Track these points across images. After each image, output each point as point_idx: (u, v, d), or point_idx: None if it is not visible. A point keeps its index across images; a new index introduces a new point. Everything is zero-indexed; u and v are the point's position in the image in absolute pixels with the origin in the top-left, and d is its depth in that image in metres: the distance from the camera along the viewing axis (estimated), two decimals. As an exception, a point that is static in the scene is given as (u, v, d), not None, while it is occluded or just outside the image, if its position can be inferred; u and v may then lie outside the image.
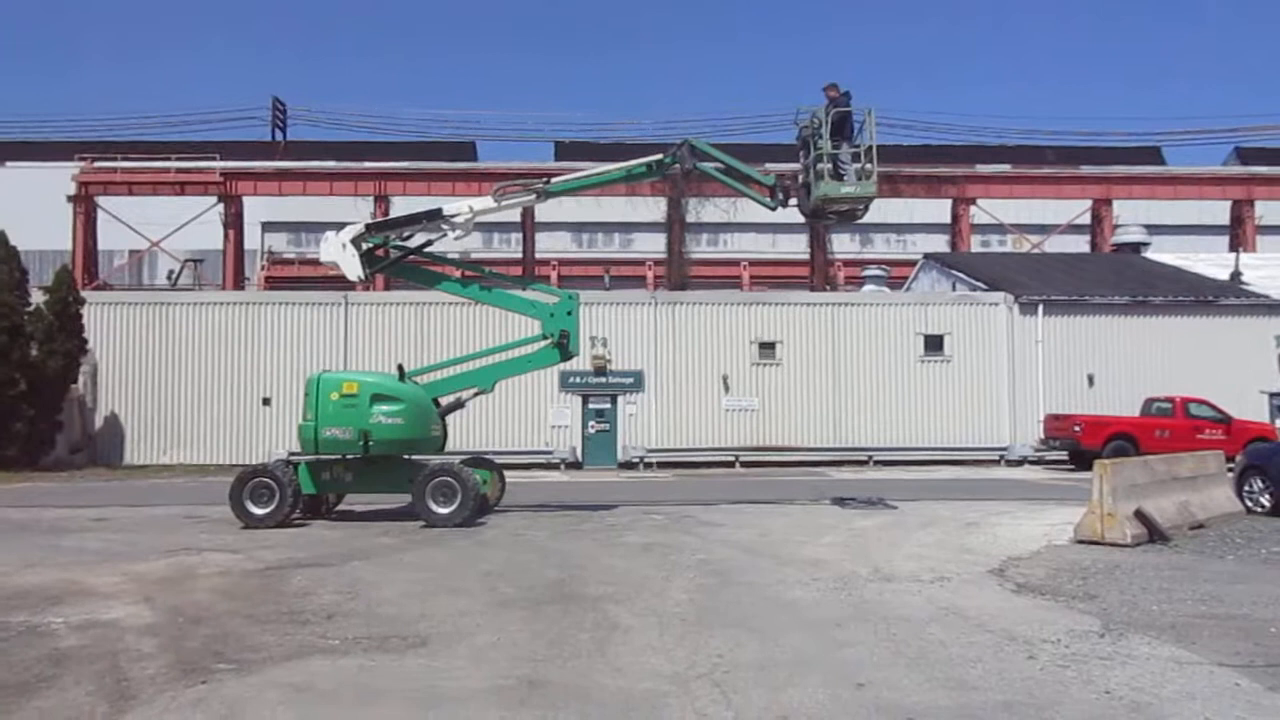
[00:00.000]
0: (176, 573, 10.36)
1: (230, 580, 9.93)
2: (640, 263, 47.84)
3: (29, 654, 6.97)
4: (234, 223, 42.06)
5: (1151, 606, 8.36)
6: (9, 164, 52.30)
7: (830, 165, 15.15)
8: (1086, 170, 45.47)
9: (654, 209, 42.99)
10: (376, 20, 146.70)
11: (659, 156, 16.32)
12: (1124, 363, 30.37)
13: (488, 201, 16.37)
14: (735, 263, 48.83)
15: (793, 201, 16.05)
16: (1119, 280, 33.07)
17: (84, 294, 29.68)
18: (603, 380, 29.67)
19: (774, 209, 16.36)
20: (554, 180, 16.83)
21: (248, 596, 9.06)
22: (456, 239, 16.66)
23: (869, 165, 15.24)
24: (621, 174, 16.79)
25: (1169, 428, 26.42)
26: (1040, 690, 5.97)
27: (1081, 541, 11.88)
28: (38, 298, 27.72)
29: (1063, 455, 27.95)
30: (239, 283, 42.20)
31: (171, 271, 46.72)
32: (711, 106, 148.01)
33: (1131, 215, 45.24)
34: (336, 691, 6.06)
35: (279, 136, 56.35)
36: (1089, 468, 13.18)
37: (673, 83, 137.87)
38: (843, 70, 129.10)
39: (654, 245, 46.03)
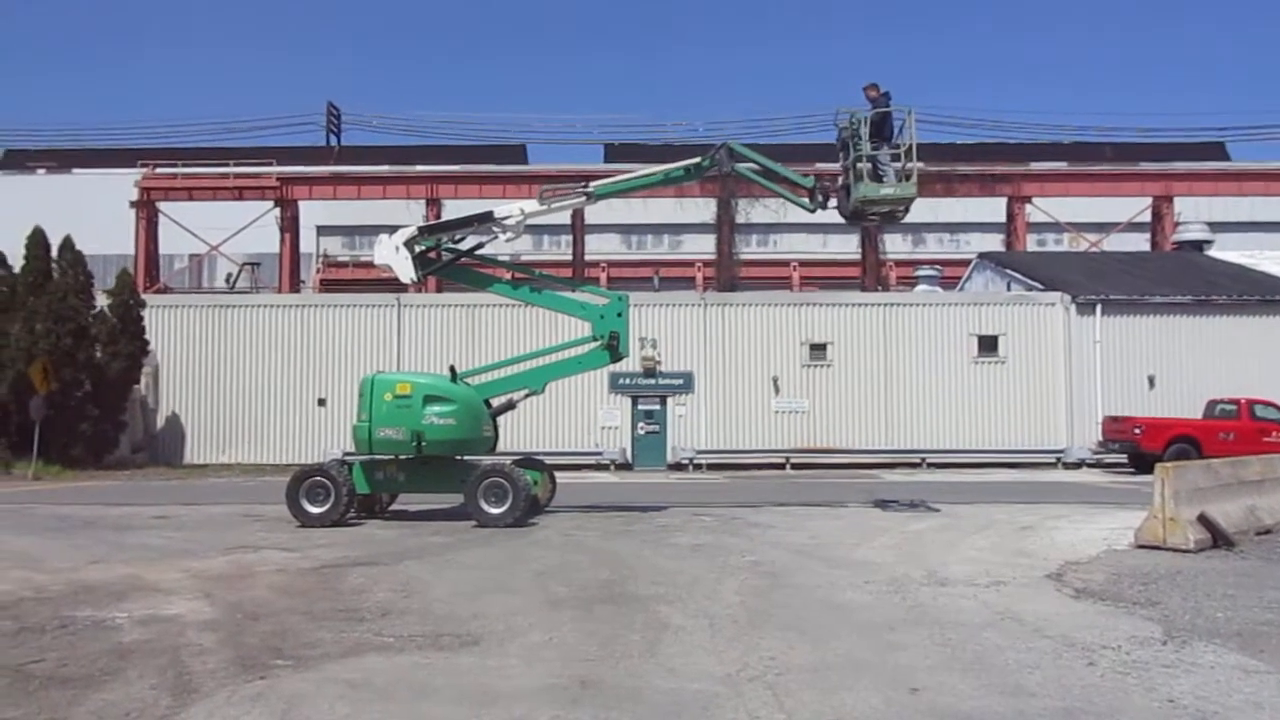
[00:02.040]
0: (235, 570, 10.57)
1: (287, 578, 10.10)
2: (689, 264, 47.74)
3: (94, 647, 7.15)
4: (290, 226, 42.73)
5: (1216, 613, 8.15)
6: (75, 170, 53.80)
7: (870, 166, 15.01)
8: (1146, 167, 44.47)
9: (703, 210, 42.89)
10: (427, 25, 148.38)
11: (697, 160, 16.26)
12: (1186, 364, 29.63)
13: (537, 204, 16.46)
14: (785, 263, 48.50)
15: (832, 203, 15.90)
16: (1180, 279, 32.27)
17: (145, 297, 30.41)
18: (652, 381, 29.67)
19: (813, 211, 16.22)
20: (593, 184, 16.87)
21: (304, 594, 9.21)
22: (508, 241, 16.78)
23: (909, 166, 15.06)
24: (660, 177, 16.83)
25: (1233, 430, 25.73)
26: (1101, 698, 5.84)
27: (1142, 546, 11.61)
28: (102, 301, 28.44)
29: (1122, 458, 27.37)
30: (295, 285, 42.89)
31: (230, 275, 47.66)
32: (761, 107, 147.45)
33: (1193, 212, 44.09)
34: (391, 688, 6.13)
35: (334, 141, 57.27)
36: (1149, 471, 12.92)
37: (723, 84, 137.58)
38: (896, 69, 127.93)
39: (703, 246, 45.92)
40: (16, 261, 28.19)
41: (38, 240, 27.98)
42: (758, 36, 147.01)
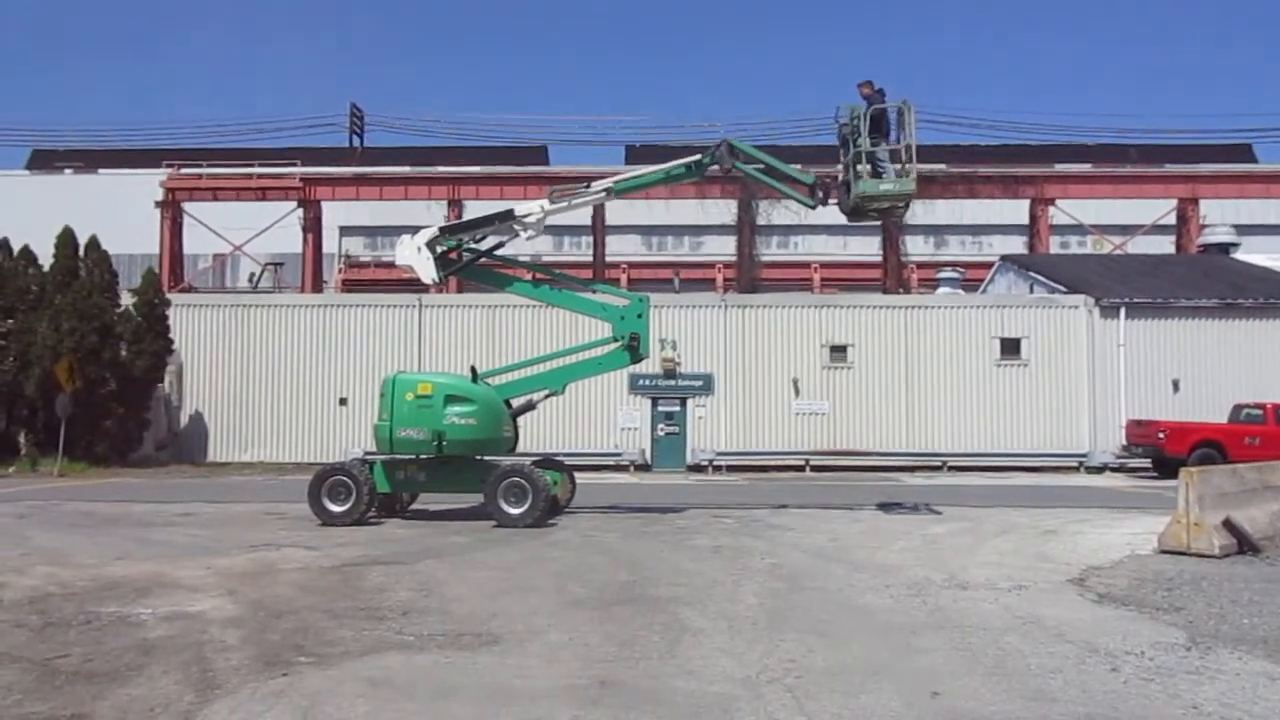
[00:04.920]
0: (258, 567, 10.65)
1: (309, 576, 10.16)
2: (710, 265, 47.71)
3: (119, 643, 7.23)
4: (313, 227, 42.97)
5: (1241, 619, 8.07)
6: (101, 171, 54.35)
7: (869, 163, 15.05)
8: (1171, 169, 44.02)
9: (724, 211, 42.84)
10: (450, 27, 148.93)
11: (697, 157, 16.29)
12: (1211, 367, 29.33)
13: (558, 204, 16.50)
14: (806, 265, 48.41)
15: (834, 200, 15.93)
16: (1206, 282, 31.96)
17: (170, 296, 30.65)
18: (672, 383, 29.65)
19: (814, 208, 16.36)
20: (595, 183, 16.89)
21: (326, 592, 9.27)
22: (529, 239, 16.85)
23: (909, 167, 15.08)
24: (661, 175, 16.84)
25: (1259, 434, 25.43)
26: (1124, 704, 5.80)
27: (1166, 551, 11.52)
28: (127, 300, 28.71)
29: (1145, 463, 27.13)
30: (317, 285, 43.13)
31: (253, 274, 47.99)
32: (784, 108, 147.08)
33: (1220, 215, 43.65)
34: (412, 687, 6.17)
35: (357, 142, 57.51)
36: (1174, 476, 12.79)
37: (746, 85, 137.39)
38: (921, 70, 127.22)
39: (724, 248, 45.87)
40: (45, 260, 28.53)
41: (66, 240, 28.31)
42: (780, 37, 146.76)
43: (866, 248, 46.89)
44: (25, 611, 8.32)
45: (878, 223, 17.28)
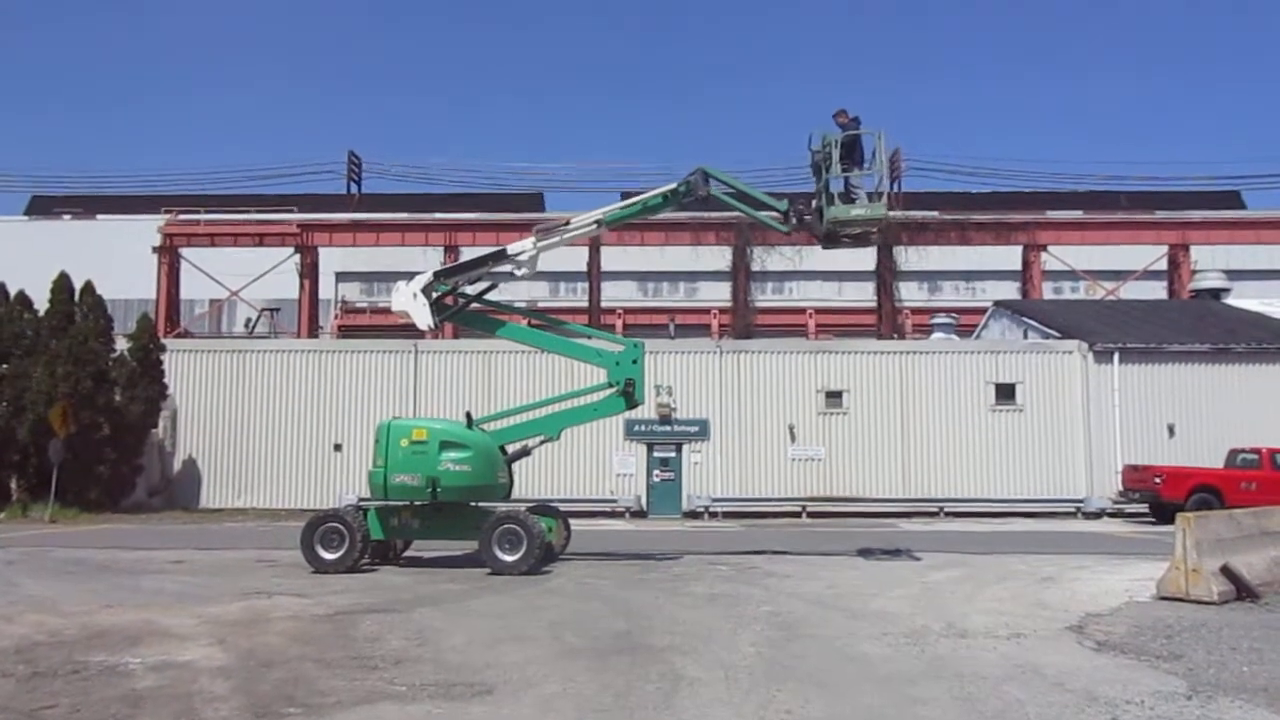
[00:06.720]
0: (249, 616, 10.54)
1: (301, 624, 10.06)
2: (705, 311, 47.87)
3: (107, 693, 7.13)
4: (309, 273, 43.12)
5: (1242, 667, 8.01)
6: (99, 217, 54.63)
7: (841, 189, 15.41)
8: (1162, 215, 44.48)
9: (719, 257, 43.07)
10: (446, 74, 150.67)
11: (674, 186, 16.45)
12: (1206, 412, 29.36)
13: (549, 239, 16.59)
14: (801, 311, 48.57)
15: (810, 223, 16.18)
16: (1198, 327, 32.12)
17: (165, 341, 30.66)
18: (668, 429, 29.61)
19: (788, 232, 16.66)
20: (575, 220, 17.04)
21: (318, 641, 9.17)
22: (522, 277, 16.90)
23: (880, 190, 15.51)
24: (638, 207, 16.99)
25: (1256, 479, 25.39)
26: (1125, 754, 5.73)
27: (1165, 598, 11.45)
28: (122, 345, 28.70)
29: (1142, 508, 27.05)
30: (313, 331, 43.16)
31: (249, 320, 48.08)
32: (778, 154, 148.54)
33: (1210, 261, 44.02)
34: (404, 738, 6.08)
35: (354, 189, 57.93)
36: (1170, 521, 12.77)
37: (741, 130, 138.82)
38: (913, 117, 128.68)
39: (719, 294, 46.05)
40: (43, 306, 28.57)
41: (61, 285, 28.38)
42: (772, 85, 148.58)
43: (861, 293, 47.16)
44: (12, 661, 8.22)
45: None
